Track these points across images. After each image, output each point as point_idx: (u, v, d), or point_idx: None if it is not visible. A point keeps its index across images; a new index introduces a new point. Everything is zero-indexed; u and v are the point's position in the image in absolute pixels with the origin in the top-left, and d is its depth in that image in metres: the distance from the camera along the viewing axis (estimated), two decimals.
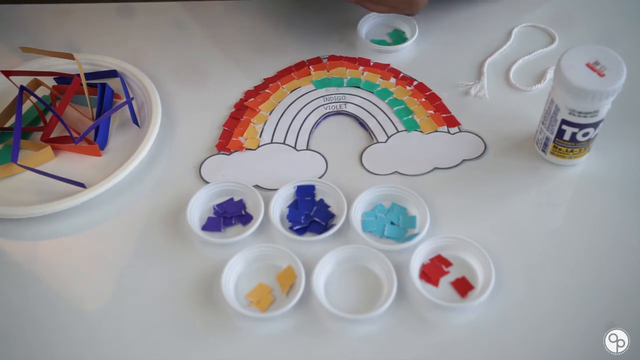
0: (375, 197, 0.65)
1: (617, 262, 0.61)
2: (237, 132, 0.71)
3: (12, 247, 0.65)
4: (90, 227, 0.65)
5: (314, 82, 0.75)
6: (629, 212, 0.64)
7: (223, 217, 0.64)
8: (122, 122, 0.73)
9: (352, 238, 0.63)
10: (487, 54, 0.77)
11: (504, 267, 0.60)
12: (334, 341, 0.57)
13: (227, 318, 0.58)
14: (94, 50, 0.78)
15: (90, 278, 0.62)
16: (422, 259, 0.61)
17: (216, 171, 0.68)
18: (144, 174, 0.68)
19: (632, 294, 0.59)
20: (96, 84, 0.74)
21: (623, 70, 0.60)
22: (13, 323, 0.59)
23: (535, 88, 0.74)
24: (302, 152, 0.70)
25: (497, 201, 0.65)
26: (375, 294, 0.59)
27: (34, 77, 0.74)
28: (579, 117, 0.61)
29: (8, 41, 0.81)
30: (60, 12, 0.86)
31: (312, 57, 0.78)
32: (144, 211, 0.66)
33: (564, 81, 0.60)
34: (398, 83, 0.75)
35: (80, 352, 0.58)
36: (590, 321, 0.58)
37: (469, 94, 0.74)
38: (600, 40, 0.78)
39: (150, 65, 0.77)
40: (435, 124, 0.71)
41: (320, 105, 0.73)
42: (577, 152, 0.65)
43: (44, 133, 0.70)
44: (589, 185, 0.66)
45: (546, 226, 0.64)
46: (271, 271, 0.61)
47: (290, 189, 0.66)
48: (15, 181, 0.68)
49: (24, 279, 0.63)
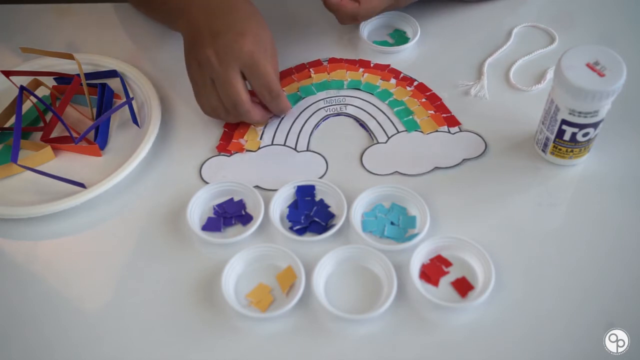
0: (375, 197, 0.65)
1: (617, 262, 0.61)
2: (238, 134, 0.71)
3: (12, 247, 0.65)
4: (90, 227, 0.65)
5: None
6: (629, 212, 0.64)
7: (223, 217, 0.64)
8: (122, 122, 0.73)
9: (352, 238, 0.63)
10: (487, 54, 0.77)
11: (504, 267, 0.60)
12: (334, 341, 0.57)
13: (227, 318, 0.58)
14: (94, 50, 0.78)
15: (90, 278, 0.62)
16: (422, 259, 0.61)
17: (216, 172, 0.68)
18: (144, 174, 0.68)
19: (632, 294, 0.59)
20: (96, 84, 0.74)
21: (623, 70, 0.60)
22: (13, 323, 0.59)
23: (535, 88, 0.74)
24: (303, 154, 0.70)
25: (497, 201, 0.65)
26: (375, 294, 0.59)
27: (34, 77, 0.74)
28: (579, 117, 0.61)
29: (8, 41, 0.81)
30: (60, 12, 0.86)
31: (312, 60, 0.78)
32: (144, 211, 0.66)
33: (564, 81, 0.60)
34: (398, 84, 0.75)
35: (80, 352, 0.58)
36: (590, 321, 0.58)
37: (469, 94, 0.74)
38: (600, 40, 0.78)
39: (150, 65, 0.77)
40: (435, 124, 0.71)
41: (320, 108, 0.73)
42: (577, 152, 0.65)
43: (44, 133, 0.70)
44: (589, 185, 0.66)
45: (546, 226, 0.64)
46: (271, 271, 0.61)
47: (290, 189, 0.66)
48: (15, 181, 0.68)
49: (24, 279, 0.63)
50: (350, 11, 0.72)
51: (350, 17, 0.73)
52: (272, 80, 0.66)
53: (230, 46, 0.65)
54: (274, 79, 0.67)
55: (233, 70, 0.65)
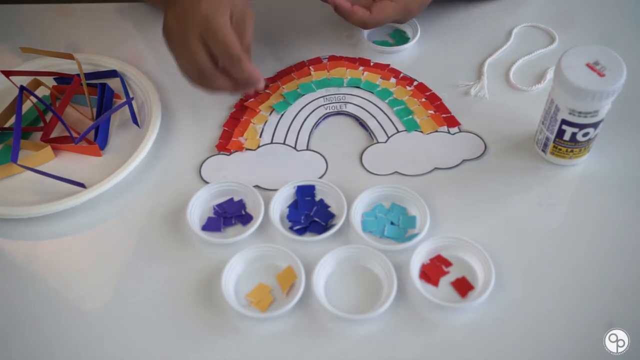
0: (375, 197, 0.65)
1: (617, 262, 0.61)
2: (237, 133, 0.71)
3: (12, 247, 0.65)
4: (90, 227, 0.65)
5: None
6: (629, 212, 0.64)
7: (223, 217, 0.64)
8: (122, 122, 0.73)
9: (352, 238, 0.63)
10: (487, 54, 0.77)
11: (504, 267, 0.60)
12: (334, 341, 0.57)
13: (227, 318, 0.58)
14: (94, 50, 0.78)
15: (90, 278, 0.62)
16: (422, 259, 0.61)
17: (216, 171, 0.68)
18: (144, 174, 0.68)
19: (632, 294, 0.59)
20: (96, 84, 0.74)
21: (623, 70, 0.60)
22: (13, 323, 0.59)
23: (535, 88, 0.74)
24: (302, 152, 0.70)
25: (497, 201, 0.65)
26: (375, 294, 0.59)
27: (34, 77, 0.74)
28: (579, 117, 0.61)
29: (8, 41, 0.81)
30: (60, 12, 0.86)
31: (312, 58, 0.78)
32: (144, 211, 0.66)
33: (564, 81, 0.60)
34: (398, 83, 0.75)
35: (80, 352, 0.58)
36: (590, 321, 0.58)
37: (469, 94, 0.74)
38: (600, 40, 0.78)
39: (150, 65, 0.77)
40: (435, 124, 0.71)
41: (320, 106, 0.73)
42: (577, 152, 0.65)
43: (44, 133, 0.70)
44: (589, 185, 0.66)
45: (546, 226, 0.64)
46: (271, 271, 0.61)
47: (290, 189, 0.66)
48: (15, 181, 0.68)
49: (24, 279, 0.63)
50: (360, 18, 0.72)
51: (360, 24, 0.73)
52: (229, 44, 0.63)
53: (188, 13, 0.64)
54: (232, 42, 0.63)
55: (192, 37, 0.64)
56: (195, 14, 0.63)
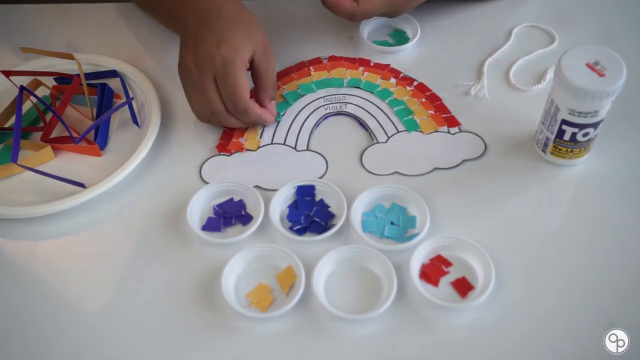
0: (375, 197, 0.65)
1: (617, 262, 0.61)
2: (238, 133, 0.71)
3: (12, 247, 0.65)
4: (90, 227, 0.65)
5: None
6: (629, 212, 0.64)
7: (223, 217, 0.64)
8: (122, 122, 0.73)
9: (352, 238, 0.63)
10: (487, 54, 0.77)
11: (504, 267, 0.60)
12: (334, 341, 0.57)
13: (227, 318, 0.58)
14: (94, 50, 0.78)
15: (90, 278, 0.62)
16: (422, 259, 0.61)
17: (216, 172, 0.68)
18: (144, 174, 0.68)
19: (632, 294, 0.59)
20: (96, 84, 0.74)
21: (623, 70, 0.60)
22: (13, 323, 0.59)
23: (535, 88, 0.74)
24: (303, 153, 0.70)
25: (497, 201, 0.65)
26: (375, 294, 0.59)
27: (34, 77, 0.74)
28: (579, 117, 0.61)
29: (8, 41, 0.81)
30: (60, 12, 0.86)
31: (312, 58, 0.78)
32: (144, 211, 0.66)
33: (564, 81, 0.60)
34: (398, 83, 0.75)
35: (80, 352, 0.58)
36: (590, 321, 0.58)
37: (469, 94, 0.74)
38: (600, 40, 0.78)
39: (150, 65, 0.77)
40: (435, 124, 0.71)
41: (320, 106, 0.73)
42: (577, 152, 0.65)
43: (44, 133, 0.70)
44: (589, 185, 0.66)
45: (546, 226, 0.64)
46: (271, 271, 0.61)
47: (290, 189, 0.66)
48: (15, 181, 0.68)
49: (24, 279, 0.63)
50: (347, 10, 0.72)
51: (347, 16, 0.73)
52: (238, 95, 0.65)
53: (206, 55, 0.65)
54: (240, 93, 0.65)
55: (207, 79, 0.65)
56: (215, 56, 0.64)
